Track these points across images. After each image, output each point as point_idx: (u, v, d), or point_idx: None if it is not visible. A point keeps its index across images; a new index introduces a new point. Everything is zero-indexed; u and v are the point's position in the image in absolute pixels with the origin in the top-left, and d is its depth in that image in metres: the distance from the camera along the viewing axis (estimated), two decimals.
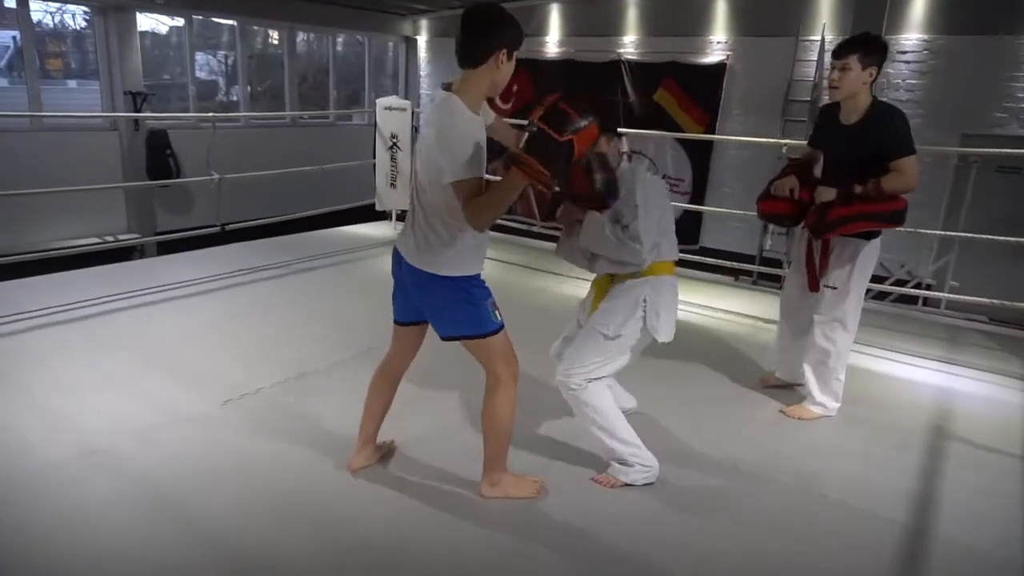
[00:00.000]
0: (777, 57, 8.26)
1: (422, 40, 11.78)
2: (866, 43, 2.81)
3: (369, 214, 6.80)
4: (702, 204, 8.85)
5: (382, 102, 6.16)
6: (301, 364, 3.52)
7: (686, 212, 8.65)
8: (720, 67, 8.74)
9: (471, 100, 2.13)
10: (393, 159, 6.17)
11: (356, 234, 6.59)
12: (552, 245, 6.65)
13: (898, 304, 5.42)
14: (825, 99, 8.18)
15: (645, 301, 2.55)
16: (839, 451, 2.96)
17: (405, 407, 2.79)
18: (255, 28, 10.83)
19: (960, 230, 6.52)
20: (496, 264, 5.84)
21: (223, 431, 2.88)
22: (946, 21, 7.53)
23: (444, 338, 2.34)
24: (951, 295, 5.26)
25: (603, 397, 2.57)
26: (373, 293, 4.71)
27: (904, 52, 7.81)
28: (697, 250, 9.13)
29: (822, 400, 3.20)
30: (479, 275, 2.30)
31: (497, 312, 2.30)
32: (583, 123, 1.96)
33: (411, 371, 2.61)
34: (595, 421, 2.56)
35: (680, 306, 2.72)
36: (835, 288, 3.07)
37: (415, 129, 6.32)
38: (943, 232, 6.46)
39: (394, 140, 6.13)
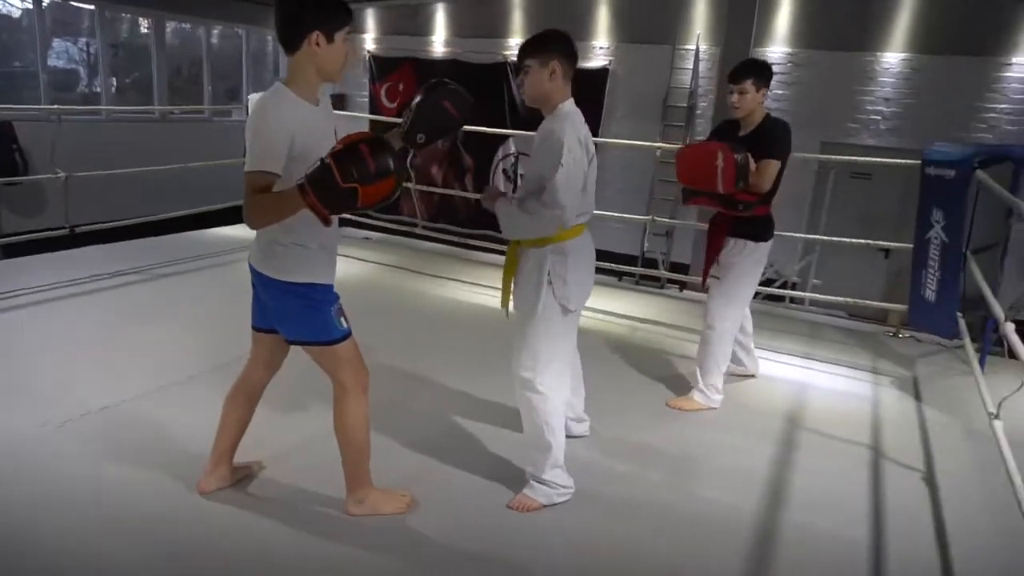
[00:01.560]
0: (656, 64, 8.55)
1: None
2: (757, 69, 3.21)
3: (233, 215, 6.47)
4: None
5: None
6: (160, 376, 3.27)
7: None
8: (603, 72, 8.95)
9: (300, 88, 2.04)
10: None
11: (227, 236, 6.24)
12: (436, 247, 6.68)
13: (766, 302, 5.71)
14: (703, 106, 8.62)
15: (549, 272, 2.43)
16: (705, 443, 3.06)
17: (265, 426, 2.64)
18: (121, 15, 10.07)
19: (821, 232, 6.98)
20: (376, 267, 5.70)
21: (65, 451, 2.62)
22: (808, 35, 8.03)
23: (290, 342, 2.25)
24: (812, 294, 5.60)
25: (556, 388, 2.46)
26: (243, 299, 4.49)
27: (771, 64, 8.25)
28: None
29: (704, 390, 3.40)
30: (325, 283, 2.20)
31: (343, 319, 2.21)
32: (378, 173, 1.79)
33: (274, 389, 2.46)
34: (541, 416, 2.43)
35: None
36: (718, 279, 3.36)
37: None
38: (805, 235, 6.85)
39: None
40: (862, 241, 4.91)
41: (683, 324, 4.72)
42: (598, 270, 2.67)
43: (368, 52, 10.65)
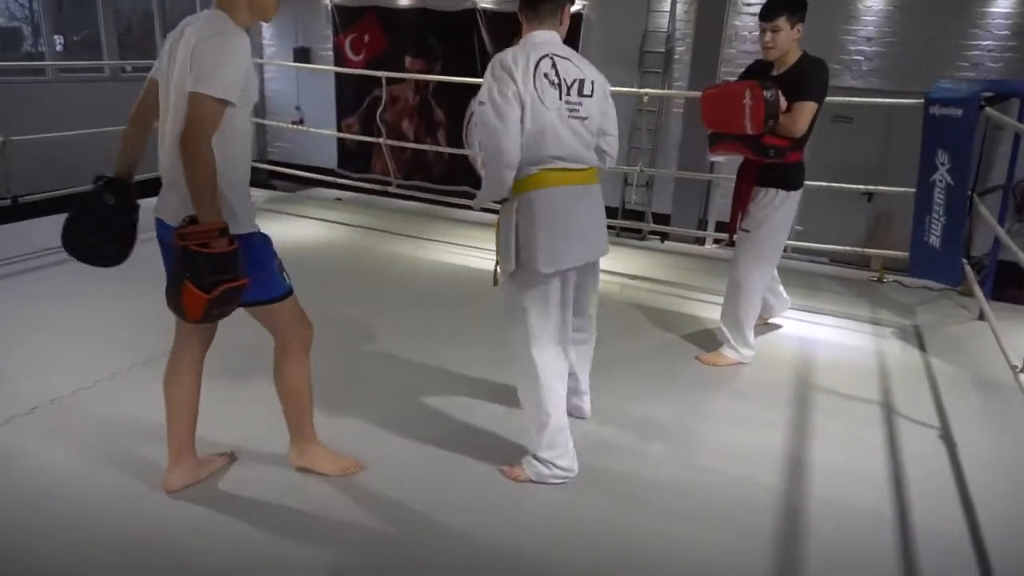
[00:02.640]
0: (632, 8, 8.19)
1: None
2: (791, 3, 2.92)
3: None
4: None
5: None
6: (114, 363, 2.99)
7: None
8: (577, 17, 8.55)
9: (236, 18, 1.90)
10: None
11: None
12: (411, 205, 6.39)
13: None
14: (680, 49, 8.31)
15: (517, 227, 2.17)
16: (712, 413, 2.89)
17: (232, 408, 2.40)
18: None
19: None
20: (347, 229, 5.41)
21: (14, 449, 2.36)
22: None
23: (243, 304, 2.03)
24: (796, 242, 5.44)
25: (545, 362, 2.24)
26: None
27: (749, 4, 7.96)
28: None
29: (736, 346, 3.27)
30: (259, 231, 2.01)
31: (285, 275, 2.09)
32: (231, 278, 1.77)
33: (232, 361, 2.23)
34: (533, 392, 2.25)
35: None
36: (748, 232, 3.17)
37: None
38: None
39: None
40: (847, 186, 4.75)
41: (671, 279, 4.54)
42: None
43: (330, 2, 10.09)
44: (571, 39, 2.37)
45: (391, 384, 2.95)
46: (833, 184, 4.75)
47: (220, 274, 1.75)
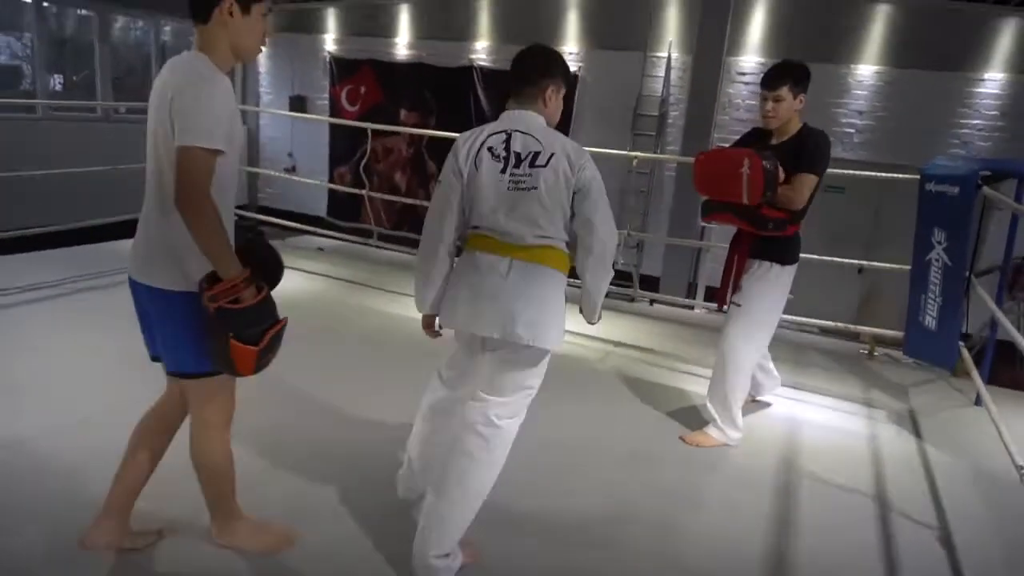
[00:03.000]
0: (626, 71, 8.25)
1: None
2: (795, 73, 2.82)
3: None
4: None
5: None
6: (73, 411, 2.80)
7: None
8: (572, 78, 8.62)
9: (217, 60, 1.80)
10: None
11: None
12: (396, 256, 6.25)
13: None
14: (674, 114, 8.35)
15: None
16: (694, 501, 2.67)
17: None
18: (67, 9, 9.43)
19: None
20: (325, 281, 5.24)
21: None
22: (782, 46, 7.81)
23: (171, 374, 1.94)
24: (785, 315, 5.30)
25: (426, 400, 2.37)
26: None
27: (743, 73, 8.04)
28: None
29: (722, 426, 3.08)
30: None
31: None
32: (272, 323, 1.77)
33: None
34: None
35: None
36: (739, 306, 3.00)
37: None
38: None
39: None
40: (838, 260, 4.64)
41: (657, 348, 4.37)
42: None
43: (328, 53, 10.18)
44: (565, 101, 2.27)
45: (334, 450, 2.73)
46: (825, 257, 4.65)
47: (261, 324, 1.74)
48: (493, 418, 2.07)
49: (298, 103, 10.50)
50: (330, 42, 10.26)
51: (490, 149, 2.10)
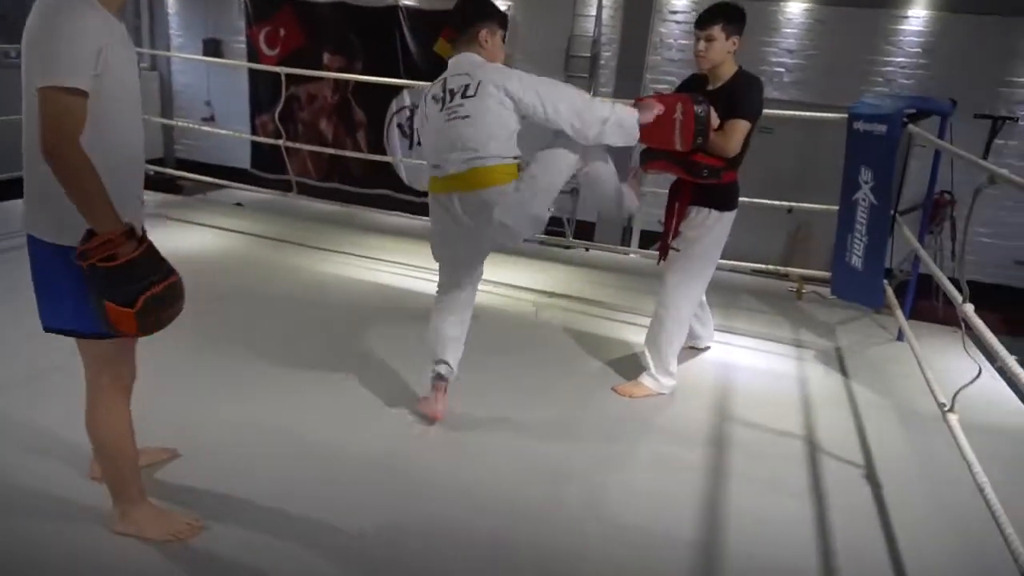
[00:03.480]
0: (557, 10, 8.01)
1: None
2: (727, 12, 2.77)
3: None
4: None
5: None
6: None
7: None
8: (504, 19, 8.31)
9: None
10: None
11: None
12: (326, 210, 5.98)
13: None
14: (606, 55, 8.18)
15: None
16: (625, 456, 2.64)
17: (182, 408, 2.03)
18: None
19: None
20: (246, 239, 4.97)
21: None
22: None
23: (48, 329, 1.77)
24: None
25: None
26: None
27: (675, 12, 7.90)
28: None
29: (656, 375, 3.07)
30: None
31: None
32: (152, 283, 1.60)
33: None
34: None
35: None
36: (678, 251, 2.99)
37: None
38: None
39: None
40: (767, 202, 4.66)
41: (593, 297, 4.32)
42: None
43: None
44: None
45: (250, 425, 2.59)
46: (755, 200, 4.65)
47: (137, 283, 1.57)
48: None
49: (213, 47, 9.84)
50: None
51: (433, 96, 2.46)
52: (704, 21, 2.78)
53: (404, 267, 4.57)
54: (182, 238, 4.79)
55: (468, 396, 2.85)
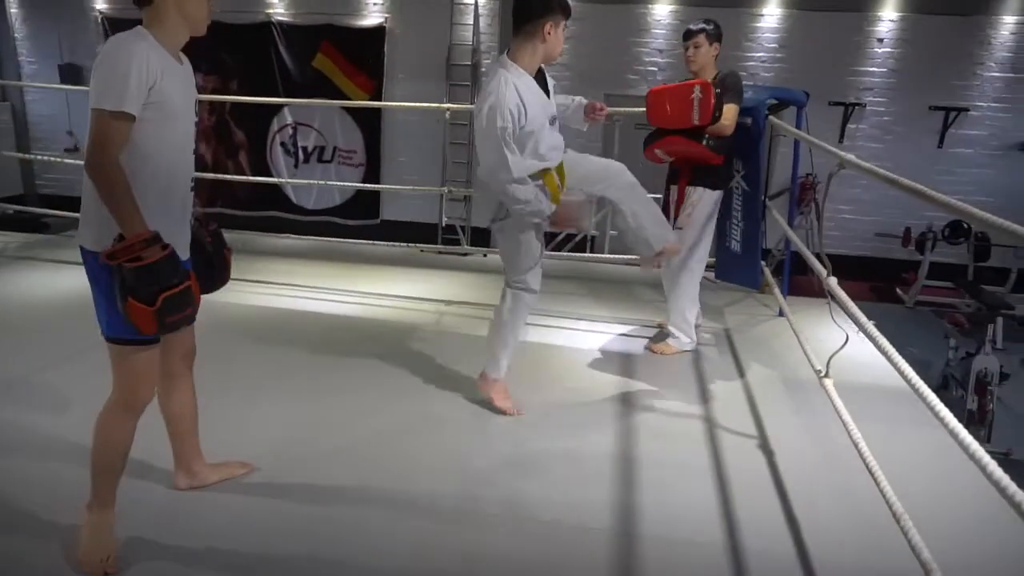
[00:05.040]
0: (435, 20, 8.05)
1: None
2: (709, 26, 3.38)
3: None
4: (378, 174, 8.54)
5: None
6: None
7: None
8: (379, 30, 8.26)
9: (163, 39, 1.82)
10: None
11: None
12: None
13: (573, 254, 5.60)
14: (486, 62, 8.28)
15: None
16: (537, 453, 2.69)
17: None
18: None
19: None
20: None
21: None
22: None
23: (108, 338, 1.91)
24: (610, 255, 5.53)
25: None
26: None
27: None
28: (378, 224, 8.75)
29: (677, 334, 3.58)
30: None
31: None
32: (170, 286, 1.76)
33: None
34: None
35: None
36: (681, 228, 3.43)
37: None
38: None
39: None
40: (653, 196, 4.86)
41: (490, 301, 4.36)
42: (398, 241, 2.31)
43: (99, 12, 8.98)
44: (376, 54, 2.35)
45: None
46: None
47: (156, 283, 1.73)
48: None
49: (71, 72, 9.20)
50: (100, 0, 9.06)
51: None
52: (691, 33, 3.39)
53: (298, 288, 4.47)
54: (53, 281, 4.46)
55: (375, 404, 2.83)
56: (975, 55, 7.55)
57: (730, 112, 3.27)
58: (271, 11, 8.47)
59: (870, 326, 2.00)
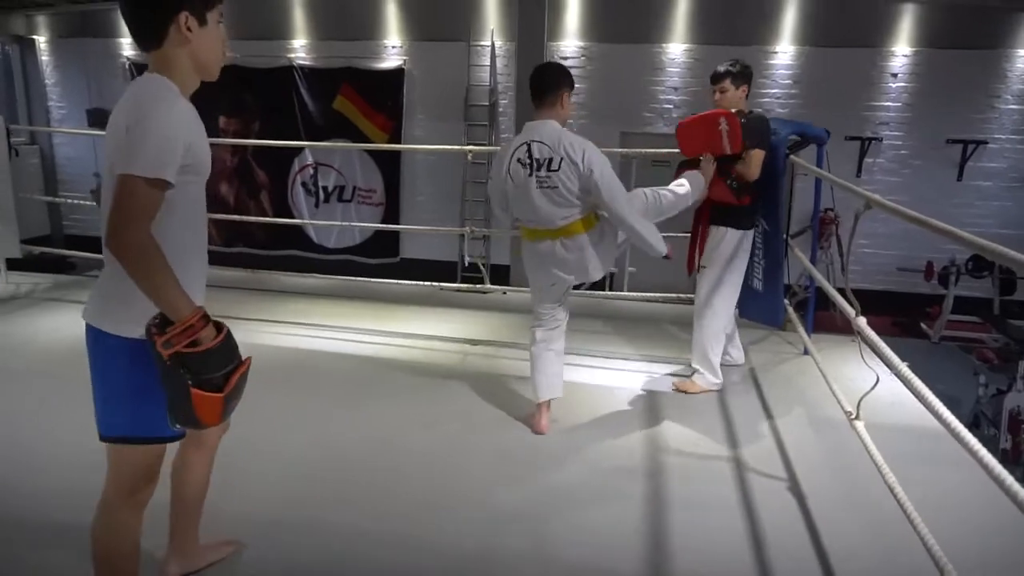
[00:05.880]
0: (452, 62, 8.20)
1: (42, 41, 9.65)
2: (735, 68, 3.41)
3: None
4: (397, 213, 8.62)
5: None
6: None
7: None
8: (398, 72, 8.43)
9: (177, 79, 1.63)
10: None
11: None
12: (231, 275, 5.77)
13: (591, 292, 5.60)
14: (504, 103, 8.41)
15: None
16: (564, 492, 2.67)
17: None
18: None
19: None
20: None
21: None
22: (599, 29, 8.09)
23: (104, 438, 1.67)
24: (629, 293, 5.53)
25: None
26: None
27: (566, 58, 8.24)
28: (398, 262, 8.82)
29: (704, 372, 3.53)
30: None
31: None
32: (236, 365, 1.58)
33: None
34: None
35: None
36: (705, 267, 3.47)
37: (13, 150, 4.91)
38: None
39: None
40: (675, 235, 4.87)
41: (514, 340, 4.37)
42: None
43: (127, 59, 9.27)
44: (395, 96, 2.36)
45: None
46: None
47: (225, 366, 1.54)
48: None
49: (98, 116, 9.43)
50: (128, 46, 9.34)
51: (519, 160, 2.89)
52: (716, 76, 3.42)
53: (319, 328, 4.50)
54: (75, 321, 4.51)
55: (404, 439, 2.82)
56: (991, 88, 7.55)
57: (754, 158, 3.28)
58: (293, 55, 8.68)
59: (904, 368, 1.97)
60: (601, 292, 5.71)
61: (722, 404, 3.49)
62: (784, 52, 7.86)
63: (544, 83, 2.90)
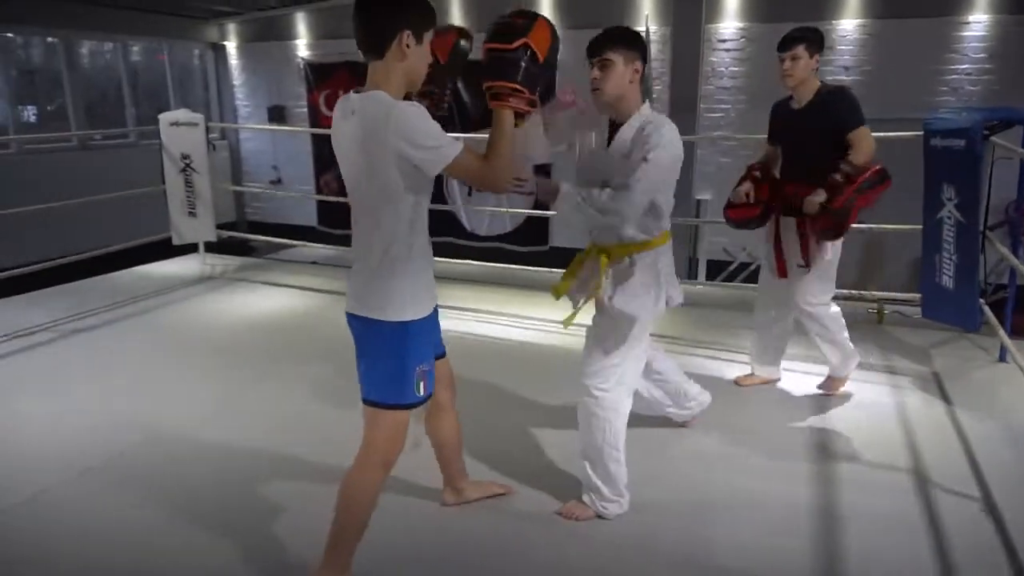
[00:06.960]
0: None
1: (231, 46, 10.65)
2: (809, 32, 3.03)
3: (172, 249, 5.79)
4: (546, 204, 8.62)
5: (166, 117, 5.23)
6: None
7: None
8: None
9: (391, 93, 1.81)
10: (189, 183, 5.27)
11: (158, 274, 5.59)
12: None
13: (746, 284, 5.33)
14: (657, 88, 8.20)
15: (660, 272, 2.40)
16: (724, 494, 2.57)
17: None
18: (33, 39, 9.24)
19: None
20: (321, 296, 5.12)
21: None
22: (759, 9, 7.69)
23: (365, 401, 1.97)
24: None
25: (624, 406, 2.37)
26: (189, 351, 3.95)
27: (724, 40, 7.90)
28: (547, 251, 8.88)
29: (840, 367, 3.30)
30: (420, 319, 1.98)
31: (421, 384, 1.95)
32: (528, 22, 1.89)
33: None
34: (604, 435, 2.33)
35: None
36: (802, 266, 3.13)
37: (211, 145, 5.43)
38: None
39: (186, 161, 5.23)
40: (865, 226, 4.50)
41: (659, 331, 4.25)
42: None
43: (302, 59, 10.00)
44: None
45: None
46: None
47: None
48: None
49: (277, 113, 10.33)
50: (303, 47, 10.08)
51: None
52: (788, 42, 3.01)
53: (483, 314, 4.63)
54: (259, 300, 5.00)
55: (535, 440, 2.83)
56: None
57: (863, 138, 2.94)
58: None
59: None
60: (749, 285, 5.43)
61: (900, 410, 3.19)
62: (978, 22, 7.05)
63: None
